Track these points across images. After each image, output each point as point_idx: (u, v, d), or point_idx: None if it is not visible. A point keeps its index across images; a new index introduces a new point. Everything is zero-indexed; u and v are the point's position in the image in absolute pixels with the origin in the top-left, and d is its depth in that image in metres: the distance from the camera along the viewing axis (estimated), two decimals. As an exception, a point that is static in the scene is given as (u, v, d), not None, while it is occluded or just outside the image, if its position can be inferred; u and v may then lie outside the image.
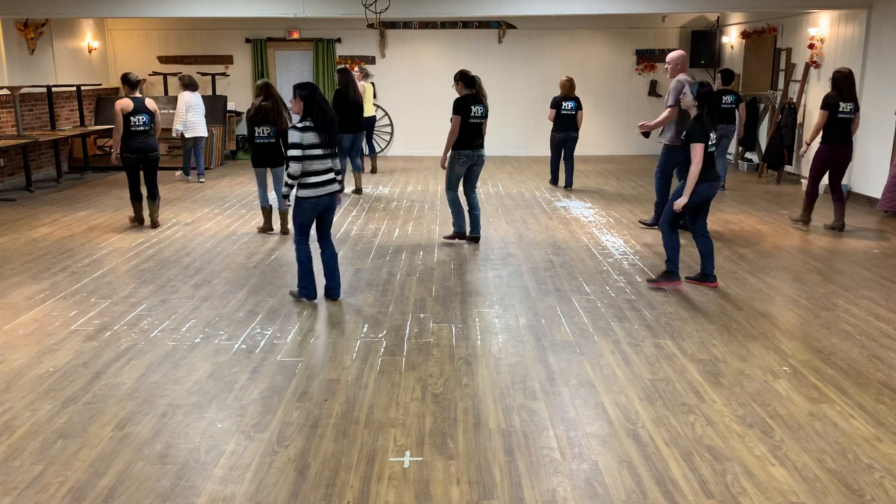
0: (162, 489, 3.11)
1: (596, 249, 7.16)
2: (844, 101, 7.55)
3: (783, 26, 11.60)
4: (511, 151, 14.52)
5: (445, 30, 14.22)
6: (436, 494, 3.08)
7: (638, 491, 3.10)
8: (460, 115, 6.88)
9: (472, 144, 6.98)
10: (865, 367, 4.36)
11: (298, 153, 5.08)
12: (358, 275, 6.32)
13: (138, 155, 7.74)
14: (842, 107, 7.55)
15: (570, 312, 5.33)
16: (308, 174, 5.17)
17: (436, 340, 4.80)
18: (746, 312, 5.33)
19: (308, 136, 5.09)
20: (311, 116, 5.11)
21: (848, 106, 7.56)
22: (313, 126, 5.11)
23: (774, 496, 3.06)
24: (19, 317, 5.25)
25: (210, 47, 14.23)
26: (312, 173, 5.19)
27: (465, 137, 6.94)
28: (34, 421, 3.71)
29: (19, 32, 11.01)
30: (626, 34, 14.30)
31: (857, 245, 7.29)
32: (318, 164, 5.19)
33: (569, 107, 10.25)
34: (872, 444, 3.48)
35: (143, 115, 7.73)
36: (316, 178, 5.20)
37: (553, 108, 10.38)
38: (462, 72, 7.06)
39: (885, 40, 9.10)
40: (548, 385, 4.11)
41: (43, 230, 7.94)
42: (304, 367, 4.37)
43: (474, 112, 6.90)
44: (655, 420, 3.70)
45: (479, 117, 6.95)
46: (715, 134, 5.58)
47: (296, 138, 5.07)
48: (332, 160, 5.31)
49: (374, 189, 10.67)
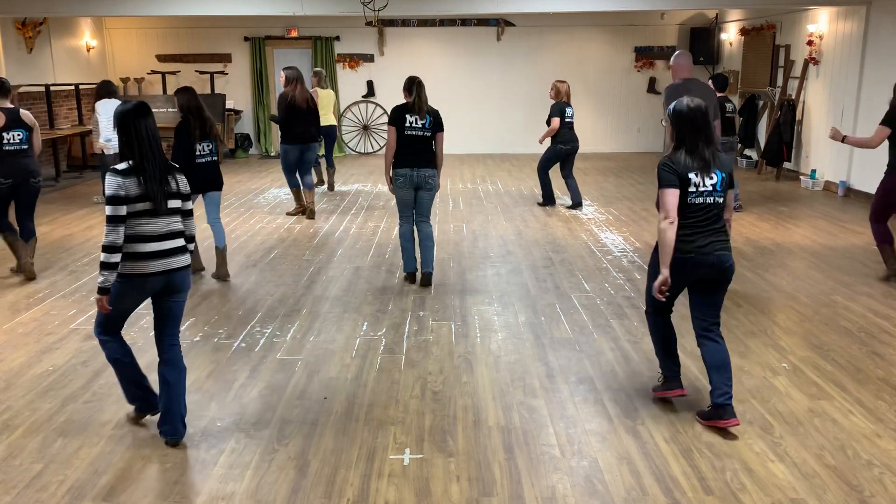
0: (162, 488, 3.12)
1: (595, 247, 7.16)
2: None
3: (782, 23, 11.60)
4: (510, 149, 14.51)
5: (444, 27, 14.21)
6: (436, 492, 3.08)
7: (637, 488, 3.10)
8: (394, 125, 5.73)
9: (411, 162, 5.73)
10: (865, 364, 4.36)
11: (120, 211, 3.26)
12: (357, 273, 6.32)
13: (14, 180, 6.00)
14: None
15: (569, 310, 5.33)
16: (132, 240, 3.32)
17: (435, 338, 4.80)
18: (745, 309, 5.33)
19: (129, 185, 3.28)
20: (130, 152, 3.35)
21: None
22: (133, 168, 3.33)
23: (774, 492, 3.06)
24: (19, 316, 5.25)
25: (208, 46, 14.22)
26: (135, 239, 3.32)
27: (401, 153, 5.74)
28: (34, 420, 3.71)
29: (17, 31, 11.00)
30: (625, 31, 14.28)
31: (856, 241, 7.29)
32: (148, 225, 3.35)
33: (570, 114, 9.02)
34: (872, 440, 3.48)
35: (20, 131, 6.04)
36: (141, 245, 3.34)
37: (557, 115, 8.88)
38: (407, 78, 5.87)
39: (884, 36, 9.09)
40: (547, 382, 4.11)
41: (42, 229, 7.93)
42: (303, 366, 4.37)
43: (409, 122, 5.70)
44: (655, 417, 3.70)
45: (419, 129, 5.72)
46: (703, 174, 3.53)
47: (112, 187, 3.26)
48: (170, 218, 3.42)
49: (374, 187, 10.66)
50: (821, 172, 10.40)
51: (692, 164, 3.53)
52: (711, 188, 3.53)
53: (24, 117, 6.14)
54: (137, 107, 3.38)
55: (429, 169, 5.77)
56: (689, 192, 3.52)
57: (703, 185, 3.52)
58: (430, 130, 5.75)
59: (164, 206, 3.36)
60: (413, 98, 5.72)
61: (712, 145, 3.60)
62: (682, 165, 3.53)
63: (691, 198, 3.53)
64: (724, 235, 3.63)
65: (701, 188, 3.52)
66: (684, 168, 3.53)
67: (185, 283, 3.50)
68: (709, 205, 3.54)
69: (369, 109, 14.50)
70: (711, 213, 3.56)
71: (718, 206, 3.57)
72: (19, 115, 6.11)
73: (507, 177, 11.66)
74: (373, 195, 10.03)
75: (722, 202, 3.58)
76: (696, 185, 3.52)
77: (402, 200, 5.87)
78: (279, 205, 9.29)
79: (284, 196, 9.75)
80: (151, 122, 3.39)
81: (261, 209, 9.04)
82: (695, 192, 3.52)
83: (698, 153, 3.55)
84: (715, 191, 3.54)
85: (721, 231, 3.61)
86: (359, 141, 14.61)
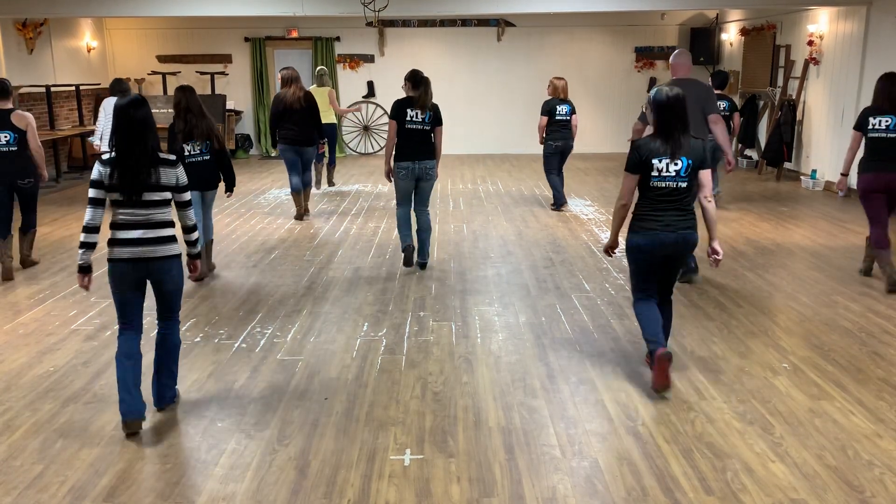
0: (162, 488, 3.12)
1: (596, 247, 7.16)
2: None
3: (782, 23, 11.60)
4: (510, 149, 14.52)
5: (444, 28, 14.21)
6: (436, 492, 3.08)
7: (638, 488, 3.10)
8: (394, 119, 6.02)
9: (412, 155, 6.02)
10: (865, 364, 4.36)
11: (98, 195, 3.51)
12: (357, 273, 6.32)
13: (1, 182, 6.06)
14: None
15: (569, 310, 5.33)
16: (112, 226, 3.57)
17: (436, 339, 4.80)
18: (746, 309, 5.33)
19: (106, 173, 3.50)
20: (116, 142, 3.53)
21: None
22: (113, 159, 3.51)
23: (774, 493, 3.06)
24: (19, 316, 5.25)
25: (209, 46, 14.22)
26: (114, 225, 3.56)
27: (402, 146, 6.04)
28: (34, 420, 3.71)
29: (18, 32, 11.00)
30: (626, 32, 14.29)
31: (857, 241, 7.29)
32: (124, 214, 3.54)
33: (563, 111, 8.72)
34: (872, 440, 3.48)
35: (6, 133, 6.03)
36: (119, 232, 3.54)
37: (545, 114, 8.73)
38: (411, 71, 6.09)
39: (885, 36, 9.09)
40: (548, 383, 4.11)
41: (42, 230, 7.93)
42: (304, 366, 4.37)
43: (410, 117, 5.99)
44: (655, 417, 3.70)
45: (419, 123, 6.00)
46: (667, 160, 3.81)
47: (94, 173, 3.52)
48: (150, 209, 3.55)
49: (374, 187, 10.66)
50: (821, 173, 10.40)
51: (660, 150, 3.81)
52: (675, 174, 3.82)
53: (15, 118, 6.10)
54: (131, 100, 3.52)
55: (429, 161, 6.10)
56: (652, 176, 3.84)
57: (666, 170, 3.82)
58: (430, 124, 6.04)
59: (133, 198, 3.50)
60: (419, 94, 5.97)
61: (687, 134, 3.85)
62: (648, 150, 3.82)
63: (654, 181, 3.84)
64: (691, 216, 3.94)
65: (664, 173, 3.82)
66: (648, 153, 3.82)
67: (165, 273, 3.61)
68: (672, 189, 3.85)
69: (370, 110, 14.50)
70: (675, 196, 3.87)
71: (682, 190, 3.86)
72: (9, 116, 6.07)
73: (507, 177, 11.66)
74: (373, 196, 10.03)
75: (686, 186, 3.86)
76: (658, 171, 3.82)
77: (402, 191, 6.18)
78: (279, 205, 9.29)
79: (285, 197, 9.75)
80: (143, 114, 3.50)
81: (261, 210, 9.04)
82: (657, 177, 3.83)
83: (672, 140, 3.81)
84: (679, 176, 3.82)
85: (687, 211, 3.92)
86: (359, 141, 14.61)
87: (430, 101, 6.03)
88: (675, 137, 3.80)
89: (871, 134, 5.71)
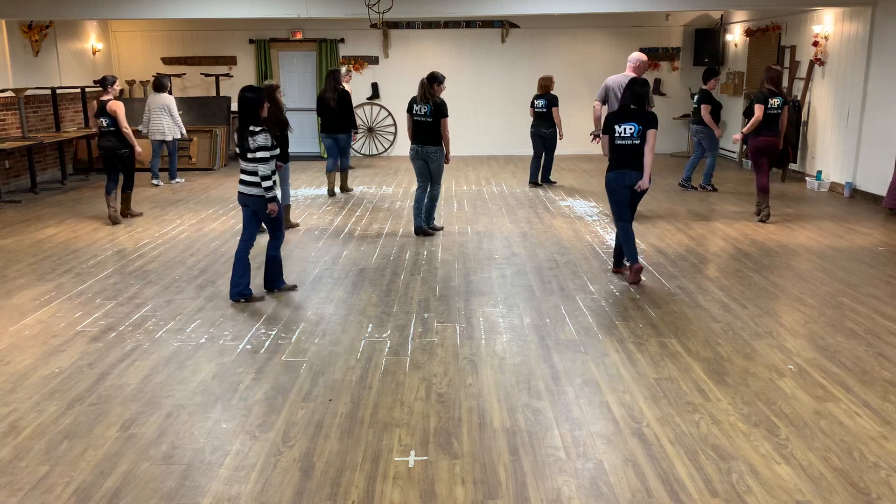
0: (167, 489, 3.12)
1: (600, 248, 7.15)
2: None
3: (787, 24, 11.57)
4: (514, 151, 14.51)
5: (448, 29, 14.22)
6: (440, 494, 3.08)
7: (643, 490, 3.09)
8: (408, 112, 7.63)
9: (417, 141, 7.55)
10: (871, 366, 4.35)
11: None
12: (362, 274, 6.32)
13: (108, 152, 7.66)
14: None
15: (574, 311, 5.33)
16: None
17: (440, 340, 4.80)
18: (751, 311, 5.31)
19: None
20: None
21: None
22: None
23: (780, 495, 3.05)
24: (25, 318, 5.26)
25: (213, 48, 14.25)
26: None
27: (412, 134, 7.59)
28: (40, 422, 3.73)
29: (24, 34, 11.05)
30: (630, 33, 14.27)
31: (862, 243, 7.27)
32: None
33: (539, 105, 10.71)
34: (878, 442, 3.47)
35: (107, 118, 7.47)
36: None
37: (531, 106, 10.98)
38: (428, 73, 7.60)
39: (890, 37, 9.07)
40: (552, 384, 4.11)
41: (48, 231, 7.96)
42: (308, 367, 4.37)
43: (415, 110, 7.52)
44: (660, 419, 3.70)
45: (422, 116, 7.46)
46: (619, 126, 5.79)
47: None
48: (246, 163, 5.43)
49: (378, 189, 10.67)
50: (826, 174, 10.37)
51: (619, 119, 5.84)
52: (630, 135, 5.80)
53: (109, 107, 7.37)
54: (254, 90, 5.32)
55: (430, 146, 7.49)
56: (615, 137, 5.85)
57: (623, 133, 5.82)
58: (432, 116, 7.42)
59: (241, 154, 5.43)
60: (420, 92, 7.48)
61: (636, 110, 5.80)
62: (612, 118, 5.90)
63: (616, 140, 5.85)
64: (640, 166, 5.83)
65: (623, 135, 5.82)
66: (611, 119, 5.91)
67: (247, 202, 5.53)
68: (626, 146, 5.83)
69: (374, 111, 14.51)
70: (629, 150, 5.82)
71: (635, 146, 5.80)
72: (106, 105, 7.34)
73: (511, 178, 11.65)
74: (378, 197, 10.04)
75: (639, 144, 5.78)
76: (619, 133, 5.83)
77: (415, 169, 7.69)
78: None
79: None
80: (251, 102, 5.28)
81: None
82: (618, 137, 5.84)
83: (626, 113, 5.83)
84: (632, 136, 5.79)
85: (638, 161, 5.82)
86: (364, 143, 14.62)
87: (429, 96, 7.41)
88: (627, 111, 5.81)
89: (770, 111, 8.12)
